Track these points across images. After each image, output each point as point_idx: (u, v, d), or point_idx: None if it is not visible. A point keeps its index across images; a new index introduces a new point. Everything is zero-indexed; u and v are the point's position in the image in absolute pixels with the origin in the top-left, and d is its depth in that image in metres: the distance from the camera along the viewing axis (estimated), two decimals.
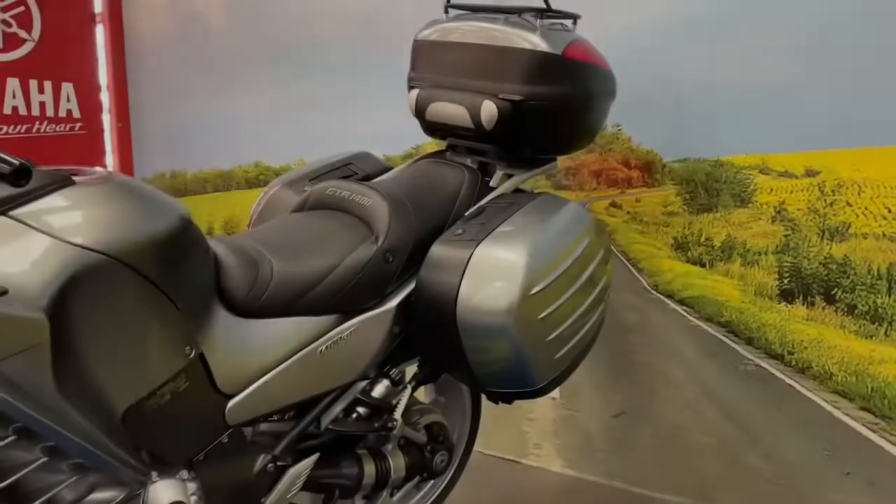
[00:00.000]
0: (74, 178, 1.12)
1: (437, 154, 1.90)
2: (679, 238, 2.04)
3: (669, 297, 2.07)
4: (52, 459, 1.04)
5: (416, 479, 1.74)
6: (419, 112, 1.84)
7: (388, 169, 1.92)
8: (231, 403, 1.31)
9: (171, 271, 1.19)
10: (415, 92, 1.84)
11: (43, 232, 1.04)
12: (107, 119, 3.58)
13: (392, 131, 2.59)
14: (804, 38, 1.82)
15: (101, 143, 3.52)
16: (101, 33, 3.48)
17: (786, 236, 1.89)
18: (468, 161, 1.81)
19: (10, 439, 0.99)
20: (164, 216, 1.20)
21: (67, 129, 3.43)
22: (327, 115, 2.79)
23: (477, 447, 1.98)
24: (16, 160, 0.92)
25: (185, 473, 1.26)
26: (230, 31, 3.12)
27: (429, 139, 2.46)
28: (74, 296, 1.03)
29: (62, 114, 3.41)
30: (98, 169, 1.18)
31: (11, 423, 0.98)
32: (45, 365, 0.98)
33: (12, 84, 3.27)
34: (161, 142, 3.44)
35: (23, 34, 3.29)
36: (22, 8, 3.26)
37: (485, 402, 1.98)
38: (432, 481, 1.86)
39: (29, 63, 3.28)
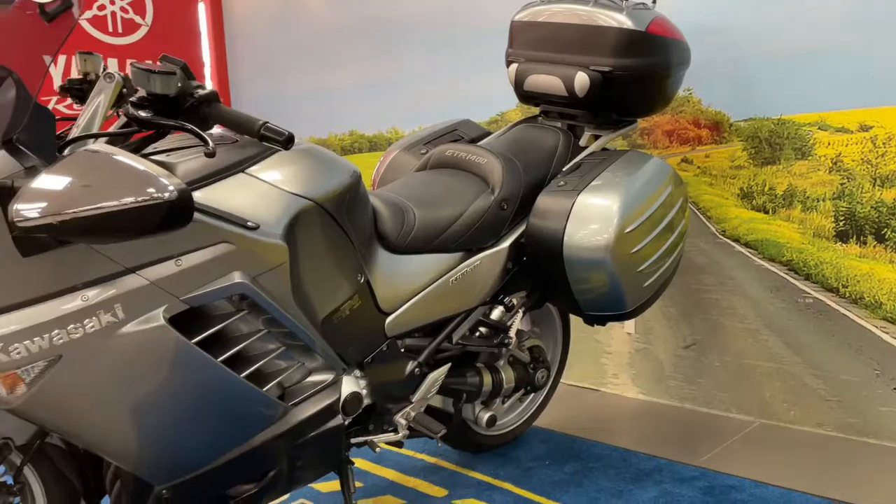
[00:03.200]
0: None
1: (531, 119, 2.21)
2: (745, 188, 2.30)
3: (736, 241, 2.34)
4: (287, 350, 1.42)
5: (521, 392, 2.09)
6: (518, 83, 2.15)
7: (487, 133, 2.24)
8: (388, 320, 1.68)
9: (349, 215, 1.55)
10: (514, 66, 2.14)
11: (270, 184, 1.40)
12: None
13: (476, 101, 2.89)
14: (859, 3, 2.05)
15: None
16: (202, 12, 3.85)
17: (841, 184, 2.14)
18: (559, 124, 2.12)
19: (262, 332, 1.37)
20: (344, 172, 1.55)
21: None
22: (416, 87, 3.09)
23: (561, 379, 2.32)
24: (286, 131, 1.28)
25: (358, 372, 1.62)
26: (322, 8, 3.42)
27: (511, 106, 2.78)
28: (296, 230, 1.39)
29: None
30: None
31: (262, 315, 1.35)
32: (286, 278, 1.36)
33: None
34: (260, 115, 3.77)
35: (138, 20, 3.68)
36: None
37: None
38: (532, 396, 2.21)
39: (144, 46, 3.68)
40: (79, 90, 1.40)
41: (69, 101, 1.43)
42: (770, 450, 2.13)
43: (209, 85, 3.94)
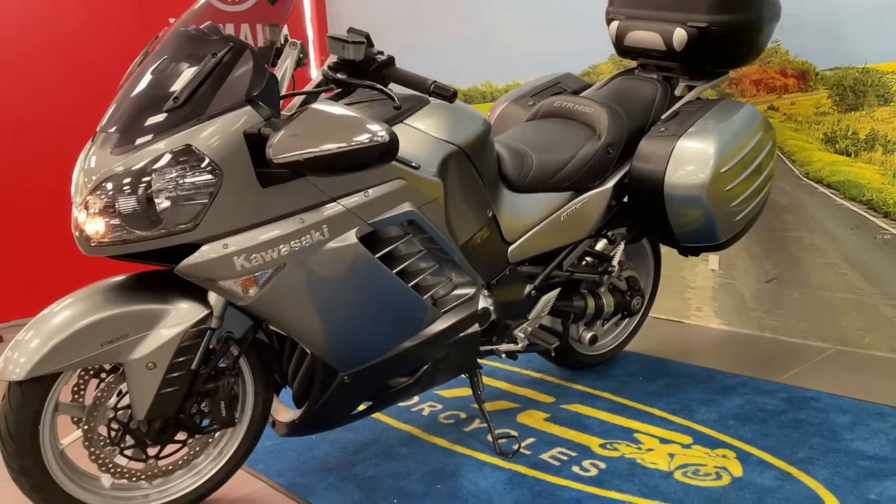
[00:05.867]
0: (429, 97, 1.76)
1: (628, 72, 2.44)
2: (828, 133, 2.48)
3: (818, 182, 2.52)
4: (439, 267, 1.73)
5: (618, 316, 2.37)
6: (618, 39, 2.37)
7: (588, 85, 2.47)
8: (511, 248, 1.97)
9: (481, 158, 1.83)
10: (615, 23, 2.36)
11: (424, 132, 1.70)
12: (312, 54, 4.30)
13: (566, 55, 3.10)
14: None
15: (308, 77, 4.25)
16: None
17: None
18: (655, 76, 2.33)
19: (422, 252, 1.69)
20: (478, 122, 1.83)
21: None
22: (508, 42, 3.32)
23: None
24: (451, 88, 1.57)
25: (486, 292, 1.93)
26: None
27: (602, 60, 2.99)
28: (446, 169, 1.69)
29: None
30: None
31: (423, 237, 1.67)
32: (441, 210, 1.66)
33: (244, 29, 4.03)
34: None
35: None
36: None
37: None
38: (626, 321, 2.49)
39: (255, 11, 3.99)
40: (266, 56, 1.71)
41: None
42: (845, 371, 2.35)
43: (312, 47, 4.27)
